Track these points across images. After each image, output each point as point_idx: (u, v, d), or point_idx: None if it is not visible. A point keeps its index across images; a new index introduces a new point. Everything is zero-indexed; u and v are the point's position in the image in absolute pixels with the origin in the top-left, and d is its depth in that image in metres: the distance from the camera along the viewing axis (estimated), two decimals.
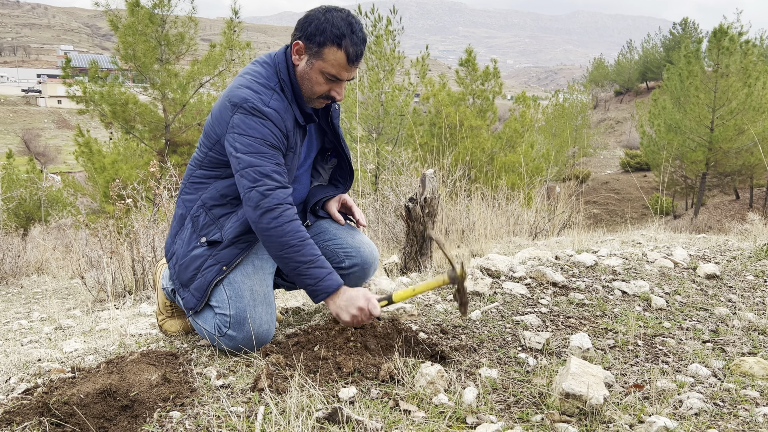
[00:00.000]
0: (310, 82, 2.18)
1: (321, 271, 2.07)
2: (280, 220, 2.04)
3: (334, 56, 2.11)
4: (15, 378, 2.08)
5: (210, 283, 2.19)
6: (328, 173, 2.59)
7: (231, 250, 2.20)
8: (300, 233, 2.06)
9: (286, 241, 2.04)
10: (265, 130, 2.08)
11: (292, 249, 2.04)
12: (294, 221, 2.07)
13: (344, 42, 2.09)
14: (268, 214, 2.04)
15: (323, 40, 2.10)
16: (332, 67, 2.13)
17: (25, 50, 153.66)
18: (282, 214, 2.05)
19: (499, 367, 2.08)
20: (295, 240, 2.04)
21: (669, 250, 3.90)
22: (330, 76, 2.15)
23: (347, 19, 2.12)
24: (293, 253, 2.05)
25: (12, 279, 7.18)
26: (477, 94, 16.73)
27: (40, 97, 74.10)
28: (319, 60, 2.13)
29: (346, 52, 2.10)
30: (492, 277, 3.10)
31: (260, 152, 2.07)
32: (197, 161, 2.28)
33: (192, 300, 2.24)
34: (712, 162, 22.75)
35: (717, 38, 21.22)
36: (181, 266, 2.26)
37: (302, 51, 2.16)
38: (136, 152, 14.14)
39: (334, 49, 2.10)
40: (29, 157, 24.22)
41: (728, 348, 2.34)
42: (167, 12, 12.99)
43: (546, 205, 7.93)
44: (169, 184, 5.98)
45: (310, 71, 2.16)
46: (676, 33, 51.97)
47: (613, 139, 50.78)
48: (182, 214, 2.31)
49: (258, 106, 2.08)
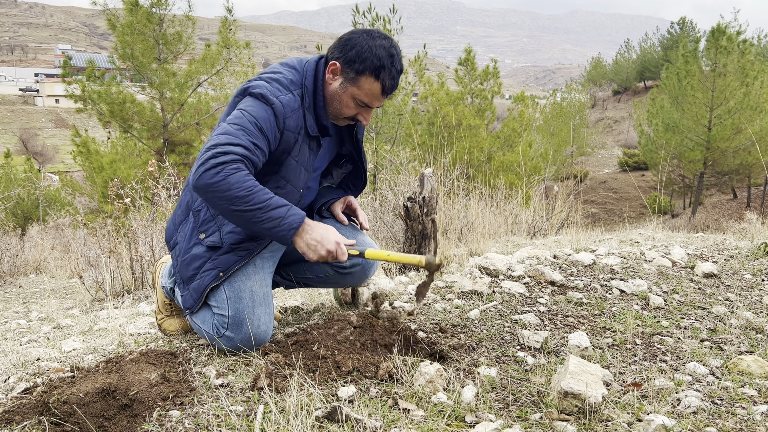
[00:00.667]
0: (340, 104, 2.18)
1: (279, 211, 1.97)
2: (223, 174, 1.90)
3: (369, 86, 2.11)
4: (14, 377, 2.08)
5: (206, 287, 2.18)
6: (340, 177, 2.58)
7: (230, 256, 2.18)
8: (247, 182, 1.93)
9: (232, 194, 1.91)
10: (261, 113, 2.04)
11: (240, 200, 1.92)
12: (238, 172, 1.92)
13: (383, 74, 2.09)
14: (212, 169, 1.91)
15: (362, 68, 2.09)
16: (365, 96, 2.14)
17: (23, 49, 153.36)
18: (225, 167, 1.91)
19: (497, 365, 2.08)
20: (242, 191, 1.91)
21: (667, 249, 3.91)
22: (361, 103, 2.16)
23: (389, 50, 2.11)
24: (243, 204, 1.92)
25: (10, 278, 7.17)
26: (476, 94, 16.74)
27: (37, 96, 73.94)
28: (354, 86, 2.13)
29: (382, 84, 2.11)
30: (490, 276, 3.11)
31: (243, 127, 2.00)
32: None
33: (189, 300, 2.24)
34: (709, 161, 22.79)
35: (715, 37, 21.25)
36: (183, 262, 2.25)
37: (338, 72, 2.15)
38: (134, 152, 14.12)
39: (372, 79, 2.10)
40: (27, 156, 24.17)
41: (726, 346, 2.35)
42: (165, 11, 12.98)
43: (544, 204, 7.94)
44: (168, 184, 5.97)
45: (342, 94, 2.16)
46: (674, 32, 52.03)
47: (611, 139, 50.84)
48: (188, 203, 2.29)
49: (266, 95, 2.07)
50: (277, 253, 2.45)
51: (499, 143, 15.68)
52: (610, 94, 65.30)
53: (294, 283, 2.62)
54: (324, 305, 2.90)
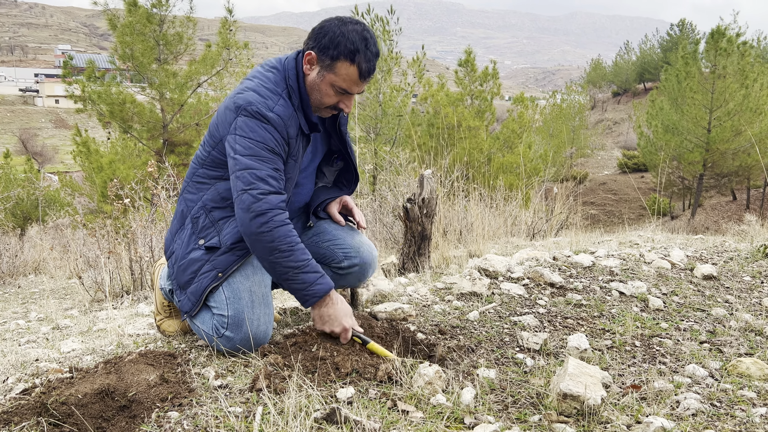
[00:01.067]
0: (319, 93, 2.18)
1: (311, 276, 2.06)
2: (270, 225, 2.01)
3: (346, 71, 2.11)
4: (13, 378, 2.08)
5: (205, 288, 2.18)
6: (333, 175, 2.58)
7: (228, 256, 2.18)
8: (289, 238, 2.03)
9: (275, 246, 2.01)
10: (266, 135, 2.06)
11: (281, 254, 2.02)
12: (284, 226, 2.03)
13: (357, 57, 2.09)
14: (259, 218, 2.01)
15: (337, 53, 2.09)
16: (343, 81, 2.13)
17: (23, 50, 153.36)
18: (272, 219, 2.02)
19: (497, 367, 2.08)
20: (285, 245, 2.02)
21: (666, 251, 3.91)
22: (340, 90, 2.15)
23: (362, 33, 2.11)
24: (282, 259, 2.02)
25: (9, 279, 7.17)
26: (475, 95, 16.75)
27: (37, 96, 73.93)
28: (330, 73, 2.13)
29: (358, 68, 2.10)
30: (490, 277, 3.11)
31: (259, 156, 2.05)
32: (200, 159, 2.27)
33: (188, 304, 2.24)
34: (709, 163, 22.80)
35: (714, 39, 21.26)
36: (180, 268, 2.25)
37: (314, 62, 2.15)
38: (134, 152, 14.11)
39: (347, 63, 2.09)
40: (27, 156, 24.16)
41: (725, 349, 2.35)
42: (165, 12, 12.98)
43: (544, 205, 7.94)
44: (167, 185, 5.97)
45: (320, 83, 2.15)
46: (673, 34, 52.07)
47: (611, 140, 50.86)
48: (183, 212, 2.30)
49: (261, 111, 2.07)
50: None
51: (498, 144, 15.69)
52: (609, 95, 65.36)
53: None
54: None
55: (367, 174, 13.97)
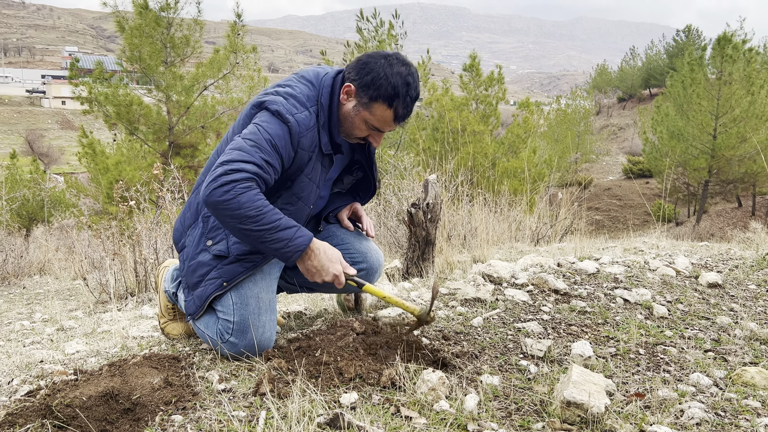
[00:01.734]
0: (352, 125, 2.19)
1: (287, 233, 2.00)
2: (234, 192, 1.93)
3: (382, 113, 2.12)
4: (17, 380, 2.09)
5: (209, 295, 2.18)
6: (350, 183, 2.59)
7: (235, 266, 2.17)
8: (257, 203, 1.95)
9: (243, 213, 1.94)
10: (277, 130, 2.05)
11: (250, 219, 1.95)
12: (249, 191, 1.95)
13: (396, 102, 2.10)
14: (223, 186, 1.93)
15: (376, 95, 2.10)
16: (377, 122, 2.15)
17: (30, 51, 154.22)
18: (236, 187, 1.94)
19: (500, 374, 2.08)
20: (252, 210, 1.94)
21: (671, 258, 3.90)
22: (373, 127, 2.17)
23: (406, 78, 2.11)
24: (253, 224, 1.95)
25: (14, 279, 7.20)
26: (480, 100, 16.74)
27: (44, 97, 74.33)
28: (366, 111, 2.14)
29: (395, 112, 2.12)
30: (494, 283, 3.10)
31: (259, 144, 2.02)
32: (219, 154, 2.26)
33: (192, 306, 2.24)
34: (714, 169, 22.73)
35: (721, 46, 21.22)
36: (189, 268, 2.25)
37: (352, 94, 2.16)
38: (140, 154, 14.15)
39: (384, 106, 2.11)
40: (33, 157, 24.27)
41: (730, 357, 2.34)
42: (174, 15, 13.03)
43: (548, 210, 7.93)
44: (172, 187, 5.99)
45: (354, 116, 2.17)
46: (679, 40, 51.96)
47: (616, 146, 50.76)
48: (198, 204, 2.29)
49: (283, 113, 2.07)
50: None
51: (503, 149, 15.68)
52: (615, 101, 65.24)
53: (297, 287, 2.62)
54: (327, 311, 2.90)
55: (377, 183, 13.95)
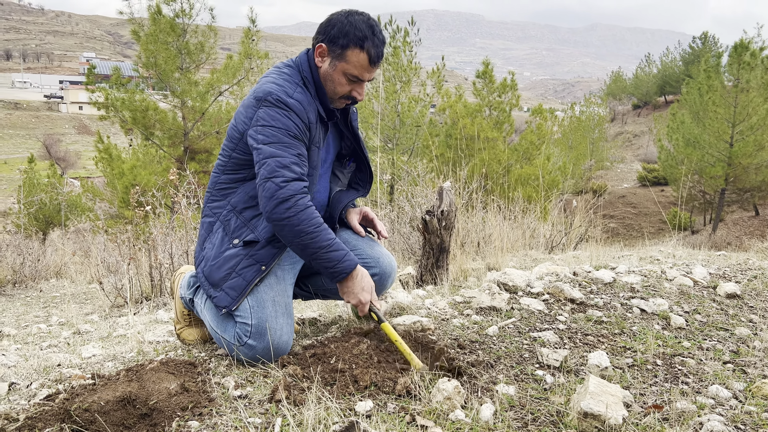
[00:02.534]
0: (332, 82, 2.25)
1: (338, 254, 2.13)
2: (295, 209, 2.08)
3: (356, 58, 2.18)
4: (36, 383, 2.11)
5: (250, 282, 2.21)
6: (347, 177, 2.62)
7: (269, 249, 2.23)
8: (314, 220, 2.10)
9: (302, 228, 2.08)
10: (288, 121, 2.13)
11: (308, 236, 2.09)
12: (308, 209, 2.10)
13: (366, 44, 2.17)
14: (283, 204, 2.07)
15: (346, 42, 2.17)
16: (355, 68, 2.20)
17: (49, 57, 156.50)
18: (296, 203, 2.08)
19: (516, 383, 2.07)
20: (311, 227, 2.09)
21: (688, 267, 3.86)
22: (352, 77, 2.22)
23: (368, 22, 2.20)
24: (310, 240, 2.09)
25: (31, 282, 7.28)
26: (494, 106, 16.72)
27: (61, 102, 75.32)
28: (342, 62, 2.20)
29: (368, 54, 2.18)
30: (509, 292, 3.09)
31: (281, 142, 2.12)
32: (220, 167, 2.32)
33: (226, 299, 2.21)
34: (731, 177, 22.48)
35: (738, 53, 21.03)
36: (213, 267, 2.26)
37: (325, 53, 2.23)
38: (155, 158, 14.30)
39: (357, 50, 2.17)
40: (50, 162, 24.59)
41: (749, 369, 2.30)
42: (188, 21, 13.17)
43: (563, 218, 7.88)
44: (188, 192, 6.04)
45: (333, 72, 2.23)
46: (695, 47, 51.54)
47: (631, 153, 50.42)
48: (210, 222, 2.33)
49: (282, 98, 2.14)
50: (297, 264, 2.46)
51: (517, 156, 15.63)
52: (629, 108, 64.83)
53: (312, 294, 2.63)
54: (341, 317, 2.90)
55: (385, 184, 13.98)
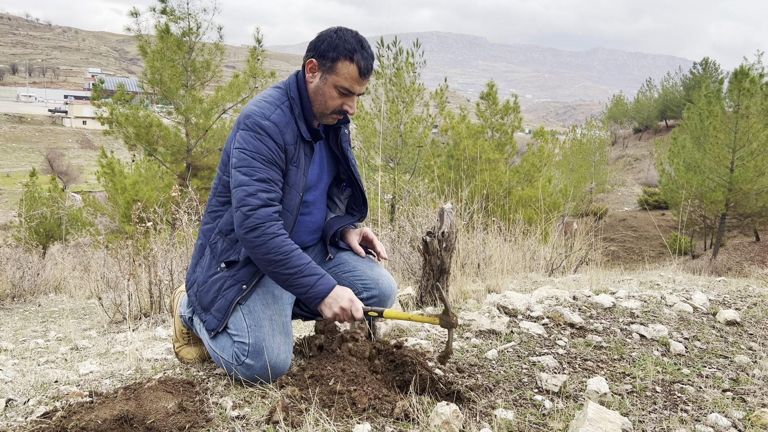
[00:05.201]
0: (323, 96, 2.27)
1: (310, 279, 2.14)
2: (263, 238, 2.11)
3: (347, 70, 2.21)
4: (33, 400, 2.10)
5: (231, 302, 2.23)
6: (344, 203, 2.64)
7: (249, 268, 2.25)
8: (283, 248, 2.12)
9: (270, 257, 2.12)
10: (260, 145, 2.17)
11: (277, 264, 2.12)
12: (276, 237, 2.13)
13: (356, 56, 2.20)
14: (251, 233, 2.12)
15: (336, 55, 2.21)
16: (345, 81, 2.23)
17: (54, 72, 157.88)
18: (264, 232, 2.12)
19: (515, 408, 2.06)
20: (279, 255, 2.12)
21: (688, 293, 3.85)
22: (343, 90, 2.25)
23: (357, 36, 2.24)
24: (280, 267, 2.13)
25: (30, 297, 7.26)
26: (496, 128, 16.81)
27: (66, 117, 75.77)
28: (332, 75, 2.23)
29: (358, 66, 2.21)
30: (509, 315, 3.09)
31: (251, 166, 2.16)
32: (213, 189, 2.39)
33: (213, 321, 2.26)
34: (731, 203, 22.50)
35: (738, 79, 21.19)
36: (202, 291, 2.30)
37: (316, 68, 2.27)
38: (157, 174, 14.34)
39: (347, 62, 2.20)
40: (52, 176, 24.67)
41: (749, 398, 2.29)
42: (195, 39, 13.30)
43: (563, 240, 7.89)
44: (189, 209, 6.05)
45: (323, 86, 2.26)
46: (696, 72, 51.95)
47: (631, 176, 50.53)
48: (202, 244, 2.38)
49: (257, 120, 2.18)
50: None
51: (518, 178, 15.68)
52: (631, 131, 65.12)
53: (312, 314, 2.62)
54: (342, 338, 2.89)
55: (386, 203, 14.00)
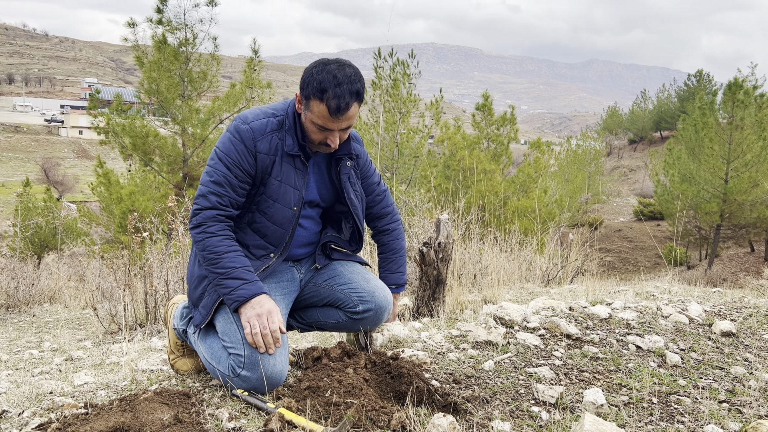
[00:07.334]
0: (308, 130, 2.31)
1: (234, 282, 2.19)
2: (202, 236, 2.22)
3: (318, 108, 2.21)
4: (28, 411, 2.09)
5: (215, 300, 2.27)
6: (348, 232, 2.66)
7: None
8: (218, 247, 2.20)
9: (205, 255, 2.21)
10: (230, 147, 2.25)
11: (210, 262, 2.21)
12: (214, 237, 2.22)
13: (325, 96, 2.17)
14: (194, 230, 2.25)
15: (308, 93, 2.22)
16: (318, 119, 2.24)
17: (51, 81, 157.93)
18: (204, 230, 2.22)
19: (511, 420, 2.06)
20: (212, 254, 2.20)
21: (684, 304, 3.86)
22: (320, 126, 2.26)
23: (335, 72, 2.18)
24: (211, 266, 2.20)
25: (24, 307, 7.23)
26: (492, 139, 16.89)
27: (62, 127, 75.73)
28: (308, 111, 2.26)
29: (327, 106, 2.18)
30: (505, 326, 3.09)
31: (215, 167, 2.25)
32: None
33: (199, 317, 2.33)
34: (726, 213, 22.62)
35: (732, 91, 21.37)
36: (191, 288, 2.39)
37: (300, 102, 2.31)
38: (153, 184, 14.32)
39: (317, 102, 2.20)
40: (46, 185, 24.60)
41: (745, 409, 2.30)
42: (192, 50, 13.34)
43: (559, 251, 7.90)
44: (185, 218, 6.04)
45: (305, 120, 2.30)
46: (690, 84, 52.36)
47: (627, 187, 50.74)
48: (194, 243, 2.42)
49: (237, 124, 2.26)
50: (290, 296, 2.47)
51: (514, 188, 15.72)
52: (625, 142, 65.50)
53: (308, 326, 2.63)
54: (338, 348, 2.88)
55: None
